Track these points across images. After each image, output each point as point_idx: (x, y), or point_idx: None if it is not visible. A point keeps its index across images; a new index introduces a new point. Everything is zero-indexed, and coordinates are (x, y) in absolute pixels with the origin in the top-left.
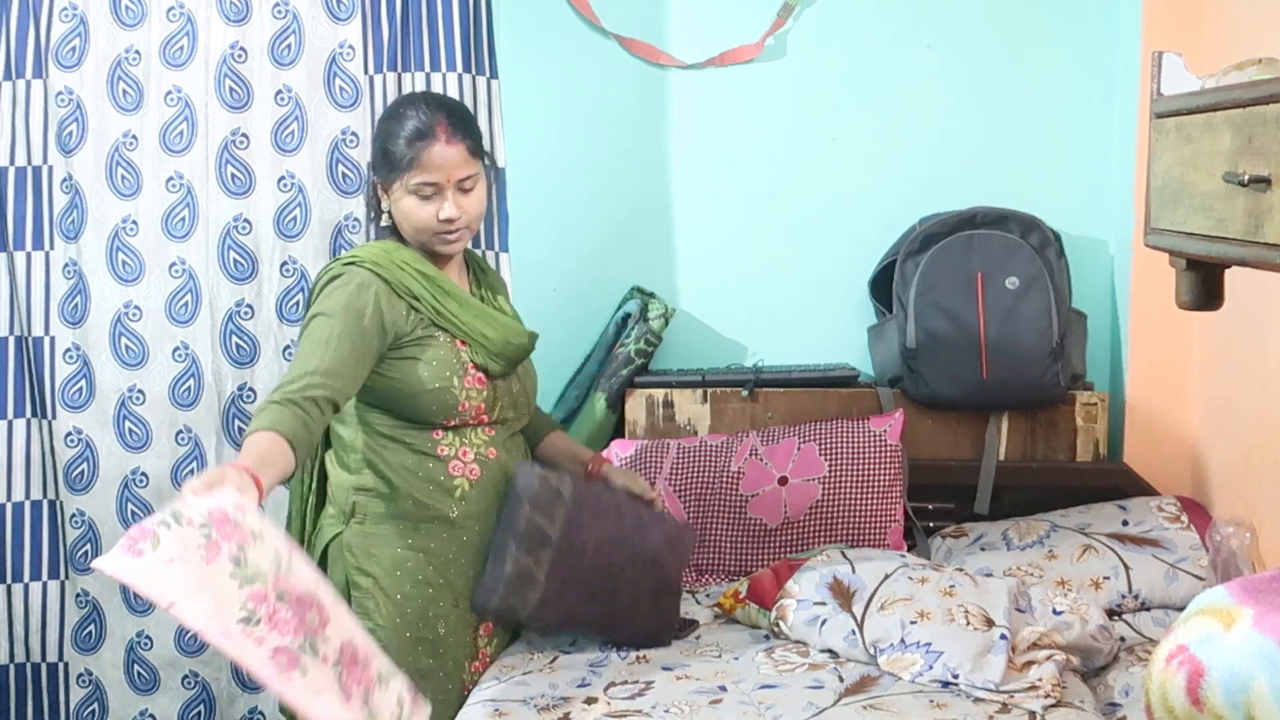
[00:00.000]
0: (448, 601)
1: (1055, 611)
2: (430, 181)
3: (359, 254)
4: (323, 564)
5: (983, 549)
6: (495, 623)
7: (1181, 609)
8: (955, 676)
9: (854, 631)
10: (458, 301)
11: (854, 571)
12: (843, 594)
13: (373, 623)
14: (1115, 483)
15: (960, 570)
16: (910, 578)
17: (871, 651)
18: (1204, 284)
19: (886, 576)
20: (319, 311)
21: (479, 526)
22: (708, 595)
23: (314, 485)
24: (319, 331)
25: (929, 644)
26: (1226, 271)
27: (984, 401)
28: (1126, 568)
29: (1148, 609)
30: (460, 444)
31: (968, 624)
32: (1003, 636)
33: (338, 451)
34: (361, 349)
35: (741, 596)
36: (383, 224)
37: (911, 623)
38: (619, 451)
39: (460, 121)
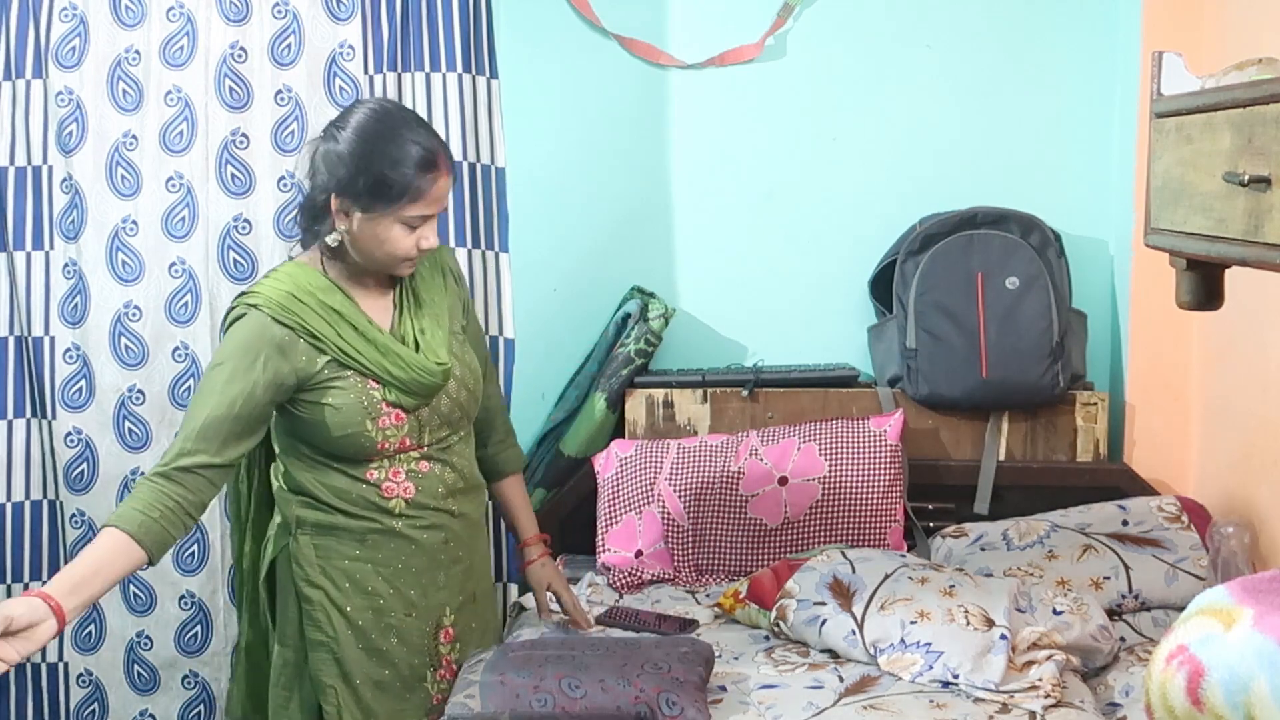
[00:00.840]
0: (399, 611)
1: (1055, 611)
2: (428, 215)
3: (262, 291)
4: (270, 576)
5: (983, 549)
6: None
7: (1181, 609)
8: (955, 676)
9: (854, 631)
10: (365, 338)
11: (854, 571)
12: (843, 594)
13: (324, 635)
14: (1115, 483)
15: (960, 570)
16: (910, 578)
17: (871, 651)
18: (1204, 284)
19: (887, 576)
20: (214, 360)
21: (426, 534)
22: (708, 595)
23: (251, 496)
24: (206, 385)
25: (929, 644)
26: (1226, 271)
27: (984, 401)
28: (1126, 568)
29: (1148, 609)
30: (390, 466)
31: (968, 624)
32: (1003, 636)
33: (277, 465)
34: (250, 404)
35: (741, 596)
36: (331, 243)
37: (912, 623)
38: (619, 451)
39: (448, 149)
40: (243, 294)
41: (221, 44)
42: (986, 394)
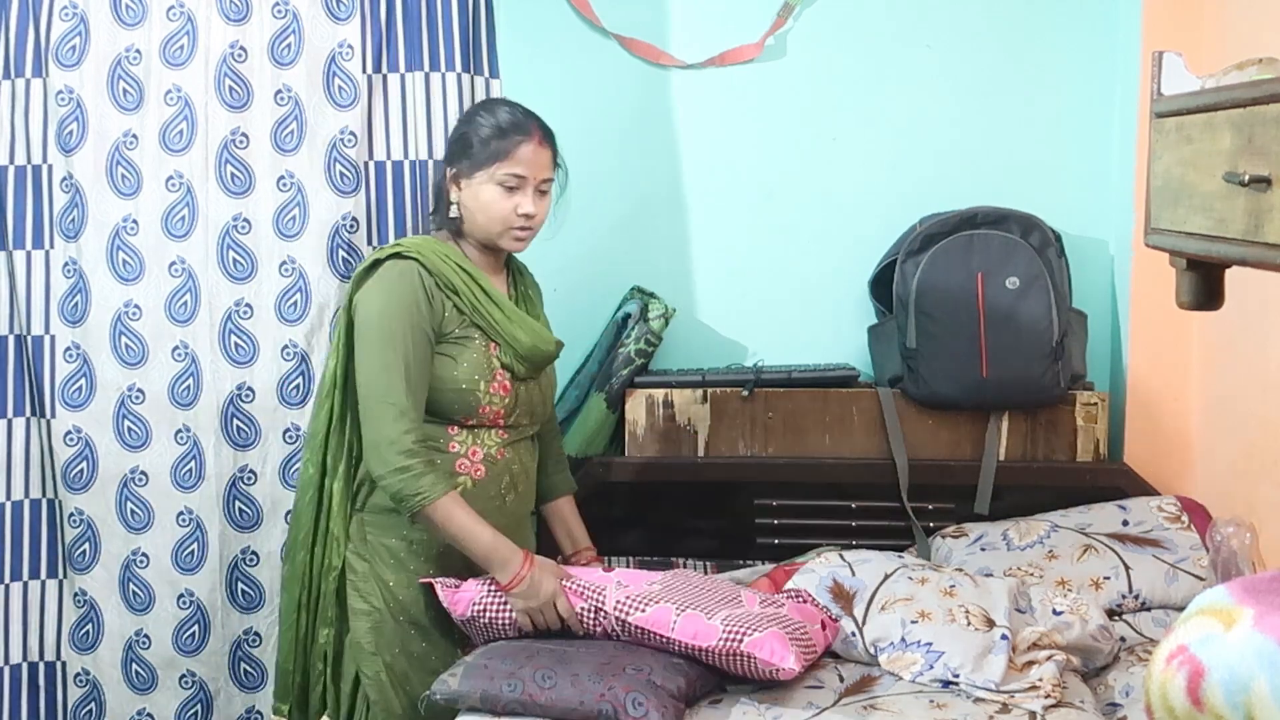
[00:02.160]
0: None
1: (1055, 611)
2: (519, 174)
3: (404, 244)
4: (329, 512)
5: (983, 549)
6: None
7: (1181, 609)
8: (956, 676)
9: (854, 633)
10: (495, 302)
11: (854, 574)
12: (844, 597)
13: (368, 605)
14: (1115, 483)
15: (960, 570)
16: (910, 578)
17: (871, 651)
18: (1204, 284)
19: (886, 577)
20: (368, 320)
21: None
22: None
23: (342, 474)
24: (394, 350)
25: (930, 644)
26: (1226, 271)
27: (984, 401)
28: (1126, 568)
29: (1148, 609)
30: (472, 443)
31: (968, 624)
32: (1003, 636)
33: (354, 441)
34: (423, 358)
35: None
36: (451, 214)
37: (912, 622)
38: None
39: (548, 130)
40: (379, 249)
41: (221, 43)
42: (986, 394)
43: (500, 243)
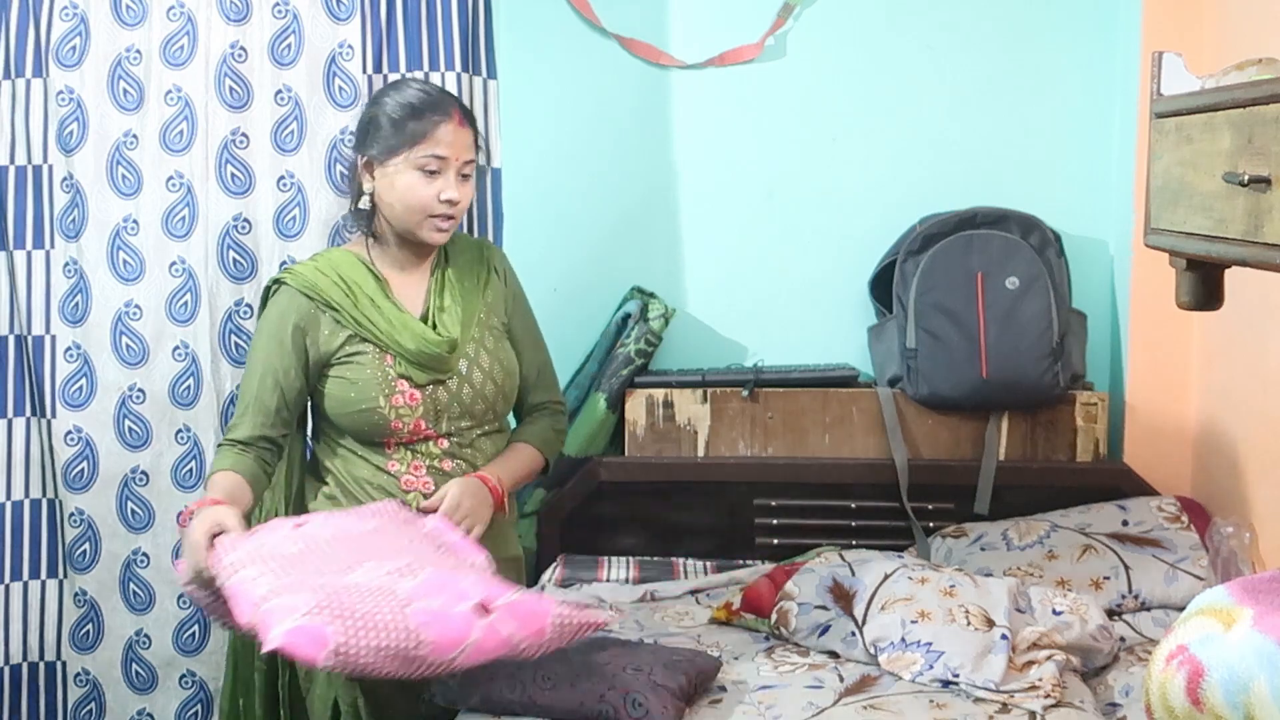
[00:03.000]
0: None
1: (1055, 611)
2: (440, 155)
3: (294, 269)
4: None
5: (983, 549)
6: None
7: (1181, 609)
8: (956, 676)
9: (854, 632)
10: (379, 310)
11: (853, 574)
12: (844, 597)
13: None
14: (1115, 483)
15: (960, 570)
16: (910, 578)
17: (872, 651)
18: (1204, 284)
19: (886, 577)
20: (255, 333)
21: None
22: (709, 596)
23: (292, 497)
24: (249, 361)
25: (930, 643)
26: (1226, 271)
27: (984, 401)
28: (1126, 568)
29: (1148, 609)
30: (412, 459)
31: (968, 624)
32: (1003, 636)
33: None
34: (287, 379)
35: (735, 609)
36: (361, 205)
37: (912, 622)
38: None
39: (468, 110)
40: (277, 274)
41: (222, 43)
42: (986, 394)
43: (420, 234)
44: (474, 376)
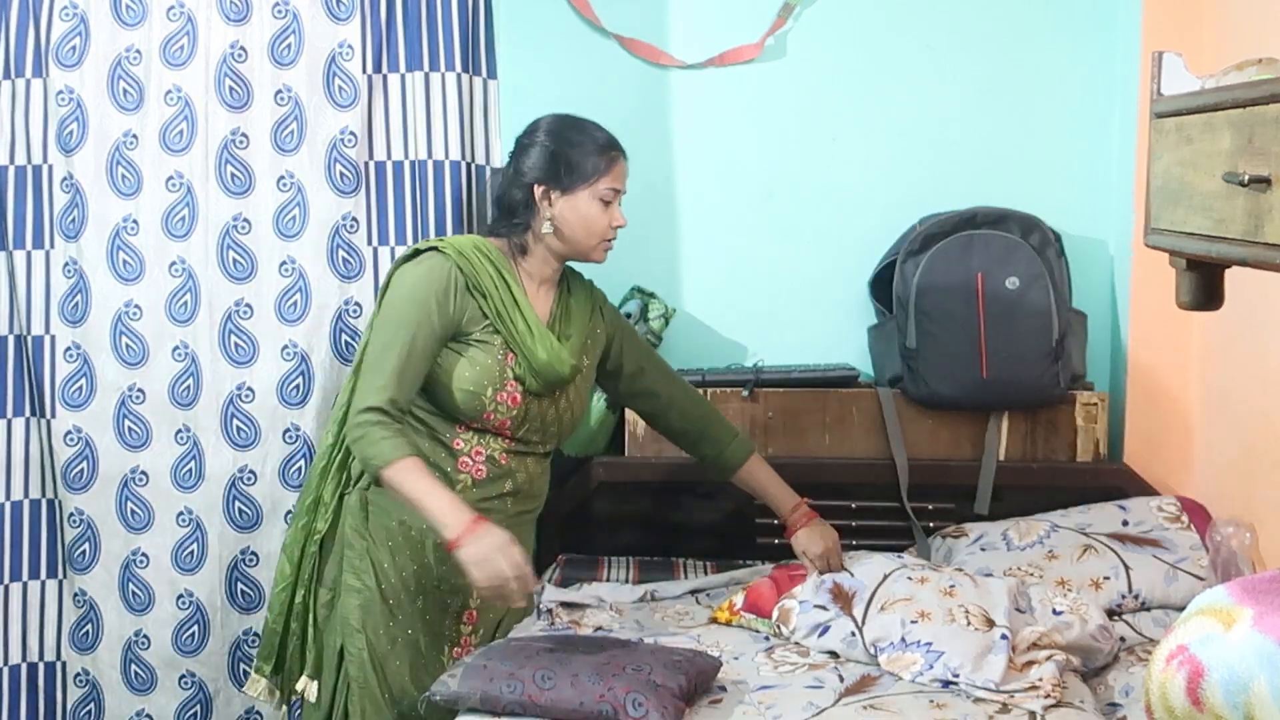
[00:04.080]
0: (428, 581)
1: (1055, 611)
2: (616, 188)
3: (447, 240)
4: (337, 516)
5: (983, 549)
6: None
7: (1181, 609)
8: (956, 676)
9: (854, 633)
10: (522, 314)
11: (853, 575)
12: (843, 597)
13: (360, 583)
14: (1115, 483)
15: (960, 570)
16: (909, 578)
17: (872, 651)
18: (1204, 284)
19: (886, 577)
20: (390, 301)
21: None
22: (709, 596)
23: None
24: (401, 333)
25: (929, 644)
26: (1226, 271)
27: (984, 401)
28: (1126, 568)
29: (1148, 609)
30: (476, 443)
31: (968, 624)
32: (1003, 636)
33: None
34: (426, 348)
35: (737, 609)
36: (544, 230)
37: (912, 622)
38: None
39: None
40: (420, 242)
41: (221, 43)
42: (986, 394)
43: (592, 255)
44: (562, 404)
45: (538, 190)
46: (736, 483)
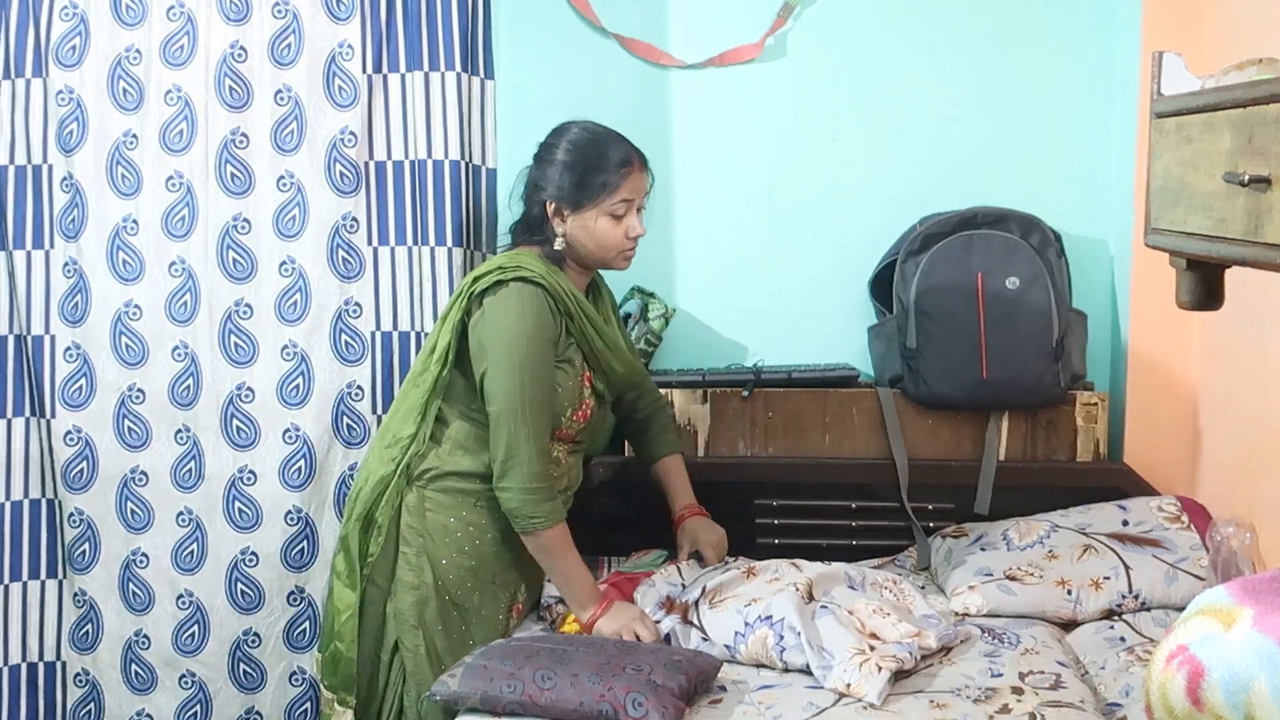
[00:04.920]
0: (485, 576)
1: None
2: (629, 199)
3: (524, 265)
4: (397, 520)
5: (983, 549)
6: None
7: (1181, 609)
8: (798, 636)
9: (704, 639)
10: (597, 331)
11: (684, 588)
12: (677, 608)
13: (416, 579)
14: (1115, 483)
15: (791, 562)
16: (736, 574)
17: (728, 651)
18: (1204, 284)
19: (711, 580)
20: (511, 345)
21: None
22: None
23: (408, 455)
24: (539, 371)
25: (769, 616)
26: (1226, 271)
27: (984, 401)
28: (1126, 568)
29: (1148, 609)
30: (564, 453)
31: (796, 590)
32: (824, 608)
33: (428, 426)
34: (551, 380)
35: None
36: (557, 247)
37: (746, 606)
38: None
39: (642, 154)
40: (501, 269)
41: (221, 43)
42: (986, 394)
43: (613, 265)
44: (609, 405)
45: (550, 207)
46: (654, 470)
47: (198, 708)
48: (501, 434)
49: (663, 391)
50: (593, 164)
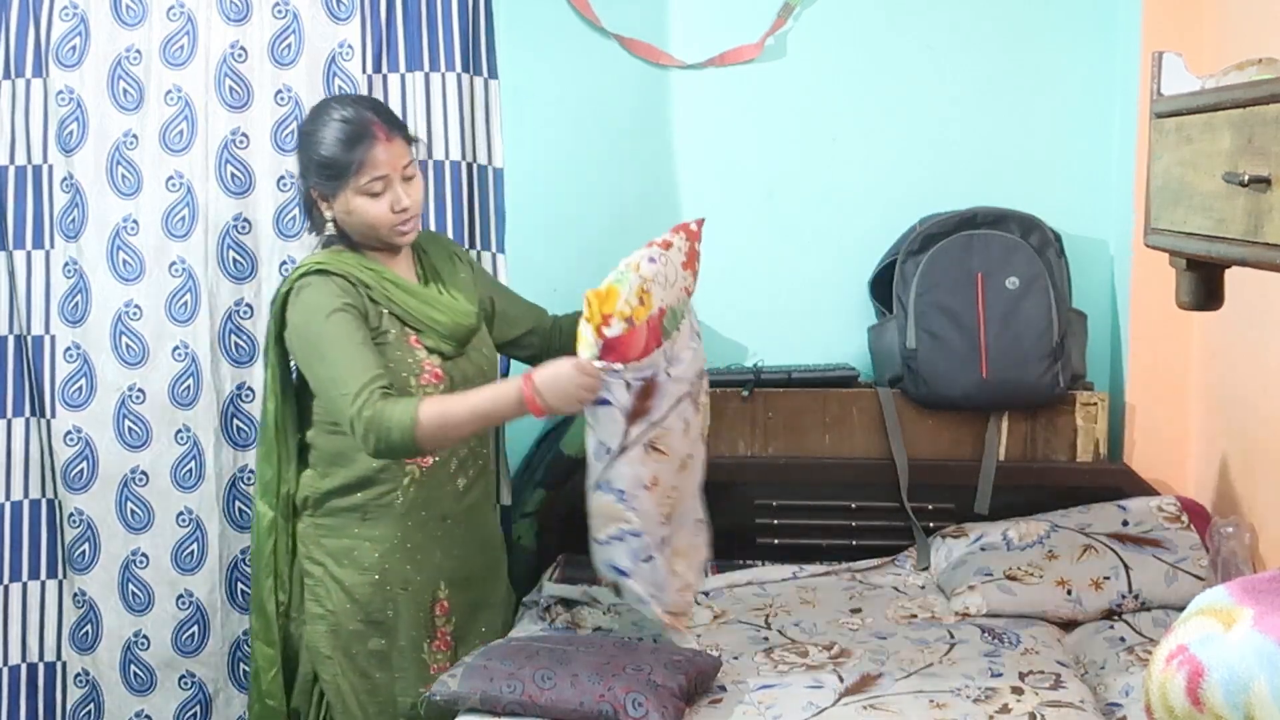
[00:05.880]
0: (396, 585)
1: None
2: (379, 176)
3: (304, 264)
4: (292, 552)
5: (983, 549)
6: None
7: (1181, 609)
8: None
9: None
10: (406, 290)
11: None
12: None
13: (324, 609)
14: (1115, 483)
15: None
16: (677, 429)
17: (621, 498)
18: (1204, 284)
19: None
20: (321, 312)
21: (424, 513)
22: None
23: (293, 486)
24: (340, 335)
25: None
26: (1226, 271)
27: (984, 401)
28: (1126, 568)
29: (1148, 609)
30: None
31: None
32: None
33: (290, 460)
34: (365, 334)
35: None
36: (327, 233)
37: (651, 487)
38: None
39: (390, 115)
40: (287, 280)
41: (222, 44)
42: (986, 394)
43: (389, 241)
44: (475, 356)
45: (313, 194)
46: (556, 322)
47: (197, 708)
48: (334, 413)
49: None
50: (333, 144)
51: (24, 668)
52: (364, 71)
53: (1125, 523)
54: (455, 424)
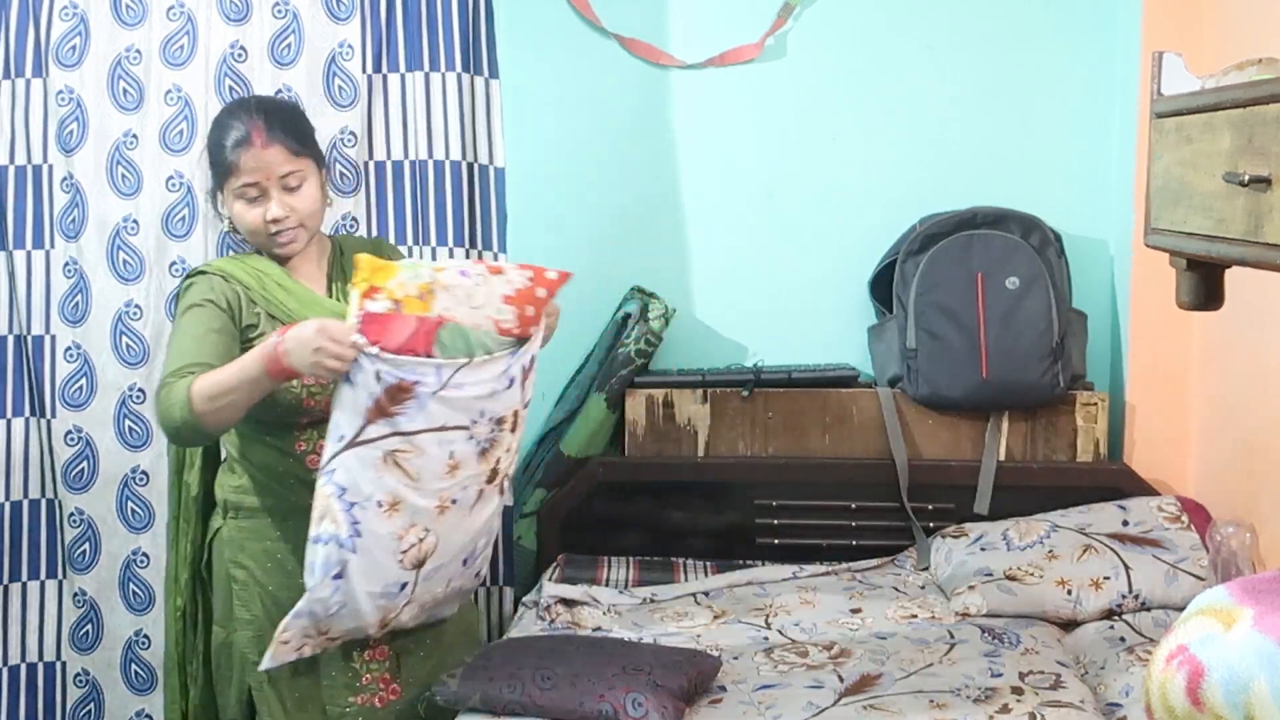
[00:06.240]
0: None
1: None
2: (251, 183)
3: (210, 262)
4: (210, 557)
5: (983, 549)
6: None
7: (1181, 609)
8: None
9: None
10: (288, 291)
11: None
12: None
13: (250, 614)
14: (1115, 483)
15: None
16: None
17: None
18: (1204, 284)
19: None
20: (183, 309)
21: None
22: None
23: (200, 487)
24: (187, 327)
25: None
26: (1226, 271)
27: (984, 401)
28: (1126, 568)
29: (1148, 609)
30: (319, 438)
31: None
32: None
33: (196, 468)
34: (226, 340)
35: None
36: (224, 229)
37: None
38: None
39: (279, 122)
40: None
41: (222, 43)
42: (986, 394)
43: (268, 248)
44: None
45: (214, 189)
46: None
47: None
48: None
49: (664, 391)
50: (214, 144)
51: (24, 668)
52: (364, 71)
53: (1125, 523)
54: (225, 390)
